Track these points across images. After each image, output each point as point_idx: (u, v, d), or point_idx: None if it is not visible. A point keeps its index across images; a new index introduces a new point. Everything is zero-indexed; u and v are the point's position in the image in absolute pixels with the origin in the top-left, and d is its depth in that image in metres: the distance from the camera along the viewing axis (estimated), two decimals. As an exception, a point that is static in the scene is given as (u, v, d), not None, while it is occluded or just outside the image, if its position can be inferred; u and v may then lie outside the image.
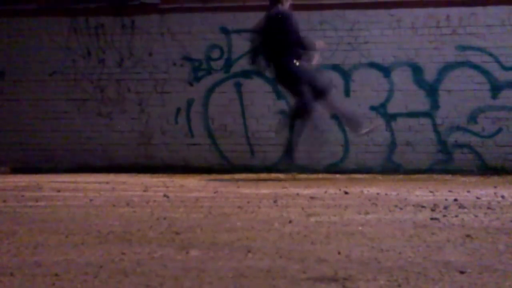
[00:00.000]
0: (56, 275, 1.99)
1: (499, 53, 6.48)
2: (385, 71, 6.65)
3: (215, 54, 6.95)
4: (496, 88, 6.49)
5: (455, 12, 6.56)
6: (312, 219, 3.07)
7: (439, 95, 6.58)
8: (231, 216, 3.18)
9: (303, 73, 5.59)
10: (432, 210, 3.35)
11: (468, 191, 4.38)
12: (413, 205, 3.54)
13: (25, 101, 7.21)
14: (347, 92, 6.71)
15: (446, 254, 2.24)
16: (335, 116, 6.66)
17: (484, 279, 1.89)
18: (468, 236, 2.57)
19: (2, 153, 7.21)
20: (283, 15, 5.53)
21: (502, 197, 4.02)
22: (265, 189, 4.63)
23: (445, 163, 6.55)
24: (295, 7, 6.72)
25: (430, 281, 1.86)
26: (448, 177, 6.10)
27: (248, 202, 3.75)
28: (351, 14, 6.66)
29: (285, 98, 6.80)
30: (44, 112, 7.18)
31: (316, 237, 2.57)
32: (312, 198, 3.96)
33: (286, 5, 5.66)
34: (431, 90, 6.59)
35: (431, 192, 4.34)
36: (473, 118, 6.52)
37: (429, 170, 6.48)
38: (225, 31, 6.91)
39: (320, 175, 6.23)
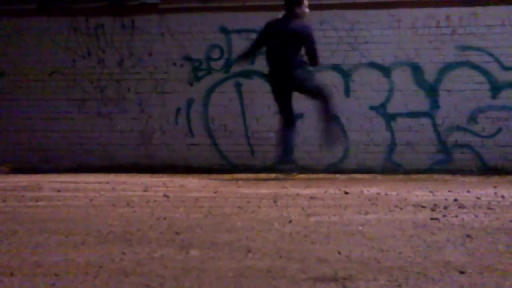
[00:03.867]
0: (56, 275, 1.99)
1: (499, 53, 6.48)
2: (385, 71, 6.65)
3: (215, 54, 6.96)
4: (496, 88, 6.49)
5: (455, 12, 6.56)
6: (312, 219, 3.06)
7: (439, 95, 6.58)
8: (231, 216, 3.18)
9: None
10: (432, 210, 3.35)
11: (468, 191, 4.38)
12: (413, 205, 3.54)
13: (25, 101, 7.21)
14: (347, 92, 6.71)
15: (446, 254, 2.23)
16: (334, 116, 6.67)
17: (484, 279, 1.88)
18: (468, 236, 2.56)
19: (2, 153, 7.21)
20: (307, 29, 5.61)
21: (502, 197, 4.02)
22: (265, 189, 4.62)
23: (445, 163, 6.55)
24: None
25: (430, 281, 1.86)
26: (448, 177, 6.10)
27: (248, 202, 3.75)
28: (351, 14, 6.66)
29: (285, 98, 6.81)
30: (44, 112, 7.18)
31: (316, 237, 2.57)
32: (312, 198, 3.96)
33: (304, 9, 5.67)
34: (431, 90, 6.60)
35: (431, 192, 4.34)
36: (473, 118, 6.52)
37: (429, 170, 6.48)
38: (225, 31, 6.91)
39: (320, 175, 6.23)
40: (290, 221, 2.97)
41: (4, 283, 1.90)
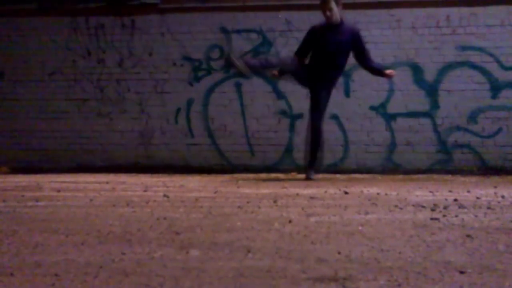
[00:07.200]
0: (56, 275, 1.99)
1: (499, 53, 6.48)
2: (385, 71, 6.64)
3: (215, 54, 6.96)
4: (496, 88, 6.49)
5: (455, 12, 6.56)
6: (312, 219, 3.06)
7: (439, 95, 6.59)
8: (231, 216, 3.18)
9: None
10: (432, 210, 3.35)
11: (468, 191, 4.38)
12: (413, 205, 3.54)
13: (25, 101, 7.22)
14: (347, 92, 6.71)
15: (446, 254, 2.23)
16: (335, 116, 6.67)
17: (484, 279, 1.88)
18: (468, 236, 2.56)
19: (2, 153, 7.21)
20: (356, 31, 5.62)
21: (502, 197, 4.01)
22: (265, 189, 4.62)
23: (445, 163, 6.55)
24: (295, 7, 6.74)
25: (430, 281, 1.86)
26: (448, 177, 6.10)
27: (248, 202, 3.75)
28: (351, 14, 6.65)
29: (285, 98, 6.81)
30: (44, 112, 7.19)
31: (316, 237, 2.57)
32: (312, 198, 3.96)
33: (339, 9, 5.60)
34: (431, 90, 6.60)
35: (431, 192, 4.34)
36: (473, 118, 6.53)
37: (429, 170, 6.49)
38: (225, 31, 6.91)
39: (320, 175, 6.22)
40: (290, 221, 2.97)
41: (4, 283, 1.90)
